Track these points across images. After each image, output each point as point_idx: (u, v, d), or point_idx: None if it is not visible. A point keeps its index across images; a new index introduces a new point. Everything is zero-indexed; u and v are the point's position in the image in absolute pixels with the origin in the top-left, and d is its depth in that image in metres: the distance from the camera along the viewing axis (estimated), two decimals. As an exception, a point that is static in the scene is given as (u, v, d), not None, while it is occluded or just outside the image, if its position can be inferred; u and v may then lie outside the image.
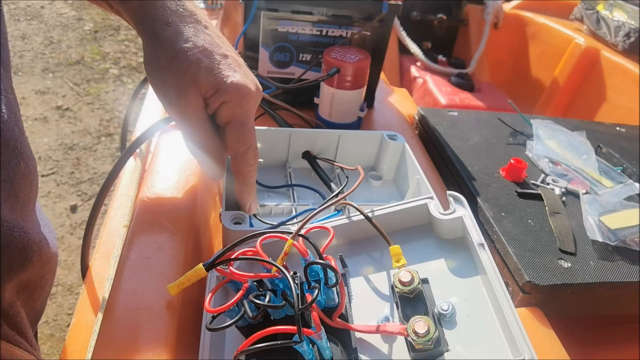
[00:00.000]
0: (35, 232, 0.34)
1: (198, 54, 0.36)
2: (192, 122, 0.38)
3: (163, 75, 0.36)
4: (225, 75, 0.37)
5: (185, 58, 0.36)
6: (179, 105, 0.37)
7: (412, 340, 0.31)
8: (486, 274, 0.35)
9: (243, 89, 0.37)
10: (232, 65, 0.38)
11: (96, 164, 1.81)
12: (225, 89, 0.36)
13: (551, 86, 1.23)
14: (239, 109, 0.38)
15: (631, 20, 1.08)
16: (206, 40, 0.37)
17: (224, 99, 0.37)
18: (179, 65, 0.36)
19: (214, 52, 0.37)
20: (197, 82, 0.36)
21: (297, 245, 0.32)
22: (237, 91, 0.37)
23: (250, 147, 0.40)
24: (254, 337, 0.27)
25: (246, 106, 0.38)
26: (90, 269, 0.45)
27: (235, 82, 0.37)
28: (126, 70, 2.44)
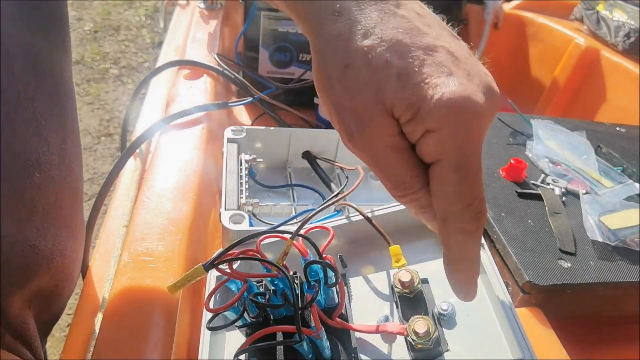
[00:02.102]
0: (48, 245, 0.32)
1: (386, 52, 0.23)
2: (385, 161, 0.25)
3: (335, 95, 0.25)
4: (431, 86, 0.23)
5: (365, 63, 0.24)
6: (362, 139, 0.25)
7: (412, 340, 0.31)
8: (486, 274, 0.35)
9: (463, 107, 0.23)
10: (445, 64, 0.24)
11: (96, 164, 1.81)
12: (430, 111, 0.23)
13: (551, 86, 1.23)
14: (453, 143, 0.23)
15: (631, 21, 1.08)
16: (399, 27, 0.24)
17: (428, 127, 0.23)
18: (356, 76, 0.24)
19: (413, 46, 0.23)
20: (385, 100, 0.23)
21: (296, 245, 0.32)
22: (452, 113, 0.23)
23: (472, 204, 0.24)
24: (254, 336, 0.27)
25: (468, 137, 0.23)
26: (90, 269, 0.45)
27: (446, 98, 0.22)
28: (126, 70, 2.44)
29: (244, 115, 0.69)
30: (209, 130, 0.57)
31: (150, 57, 2.54)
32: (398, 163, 0.25)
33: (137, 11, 2.97)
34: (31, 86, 0.30)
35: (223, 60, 0.67)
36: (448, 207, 0.24)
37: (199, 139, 0.55)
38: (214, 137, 0.58)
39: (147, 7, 3.01)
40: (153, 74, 0.69)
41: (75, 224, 0.37)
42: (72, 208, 0.35)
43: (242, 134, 0.52)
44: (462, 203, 0.24)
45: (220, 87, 0.71)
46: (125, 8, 2.99)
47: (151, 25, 2.84)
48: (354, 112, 0.24)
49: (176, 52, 0.80)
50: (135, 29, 2.81)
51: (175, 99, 0.62)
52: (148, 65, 2.49)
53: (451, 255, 0.27)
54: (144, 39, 2.73)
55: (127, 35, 2.74)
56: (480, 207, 0.24)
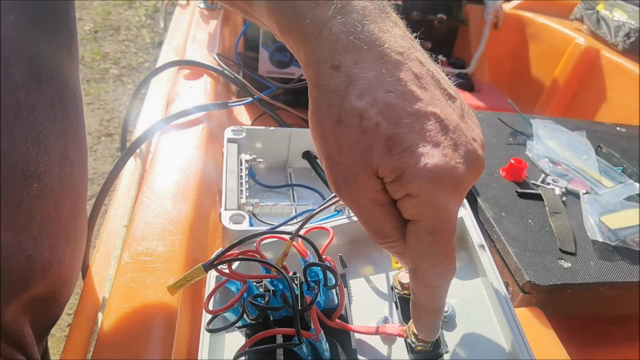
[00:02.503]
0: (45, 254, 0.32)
1: (377, 116, 0.24)
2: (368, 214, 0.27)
3: (327, 146, 0.26)
4: (416, 155, 0.24)
5: (356, 124, 0.24)
6: (347, 192, 0.26)
7: (412, 342, 0.31)
8: (486, 276, 0.35)
9: (441, 178, 0.24)
10: (432, 134, 0.24)
11: (96, 164, 1.81)
12: (412, 177, 0.24)
13: (551, 86, 1.23)
14: (429, 209, 0.25)
15: (631, 20, 1.08)
16: (394, 91, 0.24)
17: (408, 192, 0.24)
18: (346, 133, 0.25)
19: (404, 112, 0.24)
20: (371, 162, 0.25)
21: (296, 245, 0.32)
22: (432, 182, 0.24)
23: (441, 263, 0.26)
24: (254, 338, 0.27)
25: (444, 204, 0.25)
26: (90, 269, 0.45)
27: (428, 169, 0.24)
28: (126, 70, 2.44)
29: (244, 115, 0.69)
30: (209, 130, 0.57)
31: (150, 57, 2.54)
32: (380, 216, 0.26)
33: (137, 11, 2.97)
34: (32, 93, 0.29)
35: (223, 60, 0.67)
36: (418, 263, 0.26)
37: (199, 139, 0.55)
38: (214, 137, 0.58)
39: (147, 7, 3.01)
40: (153, 74, 0.69)
41: (75, 230, 0.36)
42: (72, 215, 0.35)
43: (242, 134, 0.52)
44: (431, 262, 0.26)
45: (220, 87, 0.70)
46: (125, 8, 2.99)
47: (151, 25, 2.84)
48: (342, 166, 0.26)
49: (176, 52, 0.80)
50: (135, 29, 2.81)
51: (175, 99, 0.62)
52: (148, 65, 2.49)
53: (417, 302, 0.28)
54: (144, 39, 2.73)
55: (127, 35, 2.74)
56: (449, 266, 0.26)
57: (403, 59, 0.25)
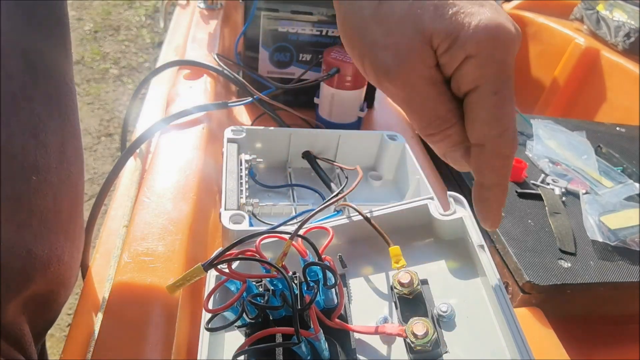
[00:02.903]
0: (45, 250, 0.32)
1: None
2: (422, 95, 0.25)
3: (369, 33, 0.25)
4: (467, 13, 0.24)
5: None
6: (400, 72, 0.25)
7: (411, 342, 0.31)
8: (486, 276, 0.35)
9: (499, 32, 0.24)
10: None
11: (96, 164, 1.81)
12: (469, 36, 0.23)
13: (551, 86, 1.23)
14: (492, 67, 0.24)
15: (631, 20, 1.08)
16: None
17: (468, 53, 0.24)
18: (392, 10, 0.24)
19: None
20: (424, 30, 0.24)
21: (296, 245, 0.32)
22: (490, 37, 0.24)
23: (509, 128, 0.25)
24: (253, 337, 0.27)
25: (505, 60, 0.24)
26: (90, 269, 0.45)
27: (484, 24, 0.23)
28: (126, 70, 2.44)
29: (244, 115, 0.69)
30: (209, 130, 0.57)
31: (150, 57, 2.54)
32: (435, 96, 0.25)
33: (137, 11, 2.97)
34: (28, 87, 0.29)
35: (223, 60, 0.67)
36: (487, 132, 0.25)
37: (199, 139, 0.55)
38: (214, 137, 0.58)
39: (147, 7, 3.01)
40: (153, 74, 0.69)
41: (73, 229, 0.36)
42: (71, 213, 0.35)
43: (242, 134, 0.52)
44: (500, 127, 0.25)
45: (220, 87, 0.71)
46: (125, 8, 2.99)
47: (151, 25, 2.84)
48: (392, 47, 0.25)
49: (176, 52, 0.80)
50: (135, 29, 2.81)
51: (175, 99, 0.62)
52: (148, 65, 2.49)
53: (487, 182, 0.27)
54: (144, 39, 2.73)
55: (127, 35, 2.74)
56: (515, 132, 0.25)
57: None
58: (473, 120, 0.26)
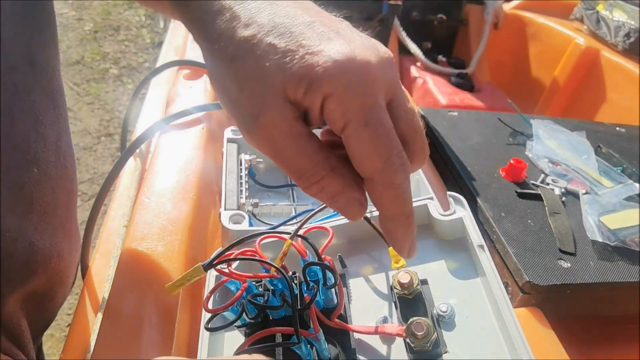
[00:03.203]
0: (46, 244, 0.32)
1: (267, 37, 0.23)
2: (284, 150, 0.24)
3: (227, 92, 0.25)
4: (315, 52, 0.23)
5: (249, 52, 0.23)
6: (258, 128, 0.24)
7: (411, 342, 0.31)
8: (485, 276, 0.35)
9: (350, 63, 0.23)
10: (324, 33, 0.24)
11: (96, 164, 1.81)
12: (321, 76, 0.23)
13: (551, 86, 1.23)
14: (353, 100, 0.23)
15: (631, 20, 1.08)
16: (279, 13, 0.24)
17: (325, 92, 0.23)
18: (243, 66, 0.24)
19: (292, 25, 0.24)
20: (275, 83, 0.23)
21: (295, 245, 0.32)
22: (342, 71, 0.23)
23: (391, 155, 0.24)
24: (253, 337, 0.27)
25: (364, 90, 0.23)
26: (90, 269, 0.45)
27: (333, 59, 0.23)
28: (126, 70, 2.44)
29: (244, 116, 0.69)
30: (209, 130, 0.57)
31: (150, 57, 2.54)
32: (297, 150, 0.24)
33: (137, 11, 2.97)
34: (28, 79, 0.30)
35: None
36: (370, 165, 0.24)
37: (199, 139, 0.55)
38: (214, 137, 0.58)
39: (147, 7, 3.00)
40: (153, 74, 0.69)
41: (69, 226, 0.36)
42: (67, 209, 0.35)
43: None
44: (381, 157, 0.24)
45: (220, 87, 0.70)
46: (125, 8, 2.98)
47: (151, 25, 2.84)
48: (246, 104, 0.24)
49: (176, 52, 0.80)
50: (135, 29, 2.81)
51: (175, 99, 0.62)
52: (148, 65, 2.49)
53: (386, 214, 0.26)
54: (144, 39, 2.73)
55: (127, 35, 2.74)
56: (401, 158, 0.24)
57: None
58: (353, 157, 0.25)
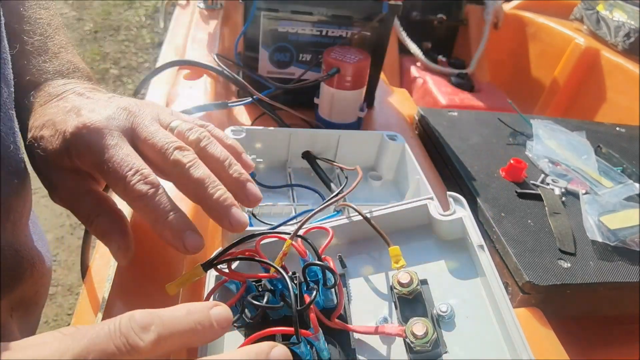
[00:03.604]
0: (28, 249, 0.33)
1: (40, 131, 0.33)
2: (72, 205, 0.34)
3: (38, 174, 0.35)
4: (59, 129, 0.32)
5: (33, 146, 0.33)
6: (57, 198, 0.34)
7: (411, 342, 0.31)
8: (485, 276, 0.35)
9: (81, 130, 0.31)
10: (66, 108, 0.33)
11: (96, 164, 1.81)
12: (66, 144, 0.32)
13: (551, 86, 1.23)
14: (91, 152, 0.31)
15: (631, 21, 1.08)
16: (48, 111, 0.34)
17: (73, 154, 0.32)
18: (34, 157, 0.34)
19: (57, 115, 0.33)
20: (49, 162, 0.33)
21: (295, 245, 0.32)
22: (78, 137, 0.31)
23: (126, 175, 0.31)
24: (252, 337, 0.27)
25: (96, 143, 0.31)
26: (90, 269, 0.45)
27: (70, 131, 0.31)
28: (126, 71, 2.44)
29: (244, 115, 0.69)
30: (208, 130, 0.57)
31: (150, 57, 2.54)
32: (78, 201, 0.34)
33: (137, 11, 2.97)
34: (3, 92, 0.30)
35: (223, 60, 0.67)
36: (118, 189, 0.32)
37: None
38: (213, 137, 0.58)
39: (147, 7, 3.01)
40: (153, 74, 0.69)
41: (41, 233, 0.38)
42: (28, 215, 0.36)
43: (242, 134, 0.52)
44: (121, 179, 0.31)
45: (220, 87, 0.71)
46: (125, 8, 2.99)
47: (151, 25, 2.84)
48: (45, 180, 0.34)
49: (176, 52, 0.80)
50: (135, 29, 2.82)
51: (175, 99, 0.62)
52: (148, 65, 2.49)
53: (149, 220, 0.32)
54: (144, 39, 2.73)
55: (127, 35, 2.74)
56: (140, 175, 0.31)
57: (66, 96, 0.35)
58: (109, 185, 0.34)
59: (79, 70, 0.39)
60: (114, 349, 0.20)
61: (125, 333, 0.20)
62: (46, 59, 0.37)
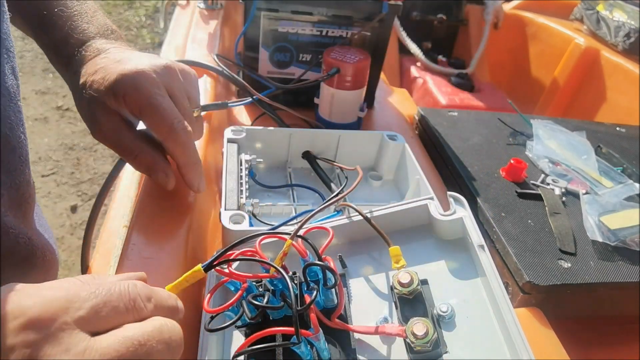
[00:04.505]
0: (38, 238, 0.34)
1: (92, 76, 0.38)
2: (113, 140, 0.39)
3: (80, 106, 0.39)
4: (113, 73, 0.37)
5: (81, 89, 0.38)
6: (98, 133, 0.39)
7: (411, 342, 0.31)
8: (486, 276, 0.35)
9: (131, 73, 0.37)
10: (116, 58, 0.39)
11: (96, 164, 1.81)
12: (116, 86, 0.37)
13: (551, 86, 1.23)
14: (137, 94, 0.37)
15: (631, 21, 1.08)
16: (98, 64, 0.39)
17: (121, 94, 0.37)
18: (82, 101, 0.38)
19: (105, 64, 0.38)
20: (97, 100, 0.37)
21: (296, 245, 0.32)
22: (125, 79, 0.37)
23: (173, 122, 0.38)
24: (253, 337, 0.27)
25: (143, 87, 0.37)
26: (90, 269, 0.45)
27: (121, 73, 0.37)
28: (126, 70, 2.44)
29: (244, 115, 0.69)
30: (209, 130, 0.57)
31: (151, 57, 2.54)
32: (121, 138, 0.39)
33: (137, 11, 2.97)
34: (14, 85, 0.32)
35: (223, 60, 0.67)
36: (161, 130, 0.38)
37: (199, 139, 0.55)
38: (214, 137, 0.58)
39: (147, 7, 3.01)
40: (153, 74, 0.69)
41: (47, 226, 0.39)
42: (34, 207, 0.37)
43: (242, 134, 0.52)
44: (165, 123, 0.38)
45: (220, 87, 0.71)
46: (125, 8, 2.99)
47: (151, 25, 2.84)
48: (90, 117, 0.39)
49: (176, 52, 0.80)
50: (135, 29, 2.81)
51: (175, 99, 0.62)
52: (148, 65, 2.48)
53: (180, 162, 0.40)
54: (144, 39, 2.73)
55: (127, 35, 2.74)
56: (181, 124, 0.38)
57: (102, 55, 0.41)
58: (150, 128, 0.39)
59: (115, 31, 0.46)
60: (123, 308, 0.23)
61: (133, 298, 0.24)
62: (86, 21, 0.43)
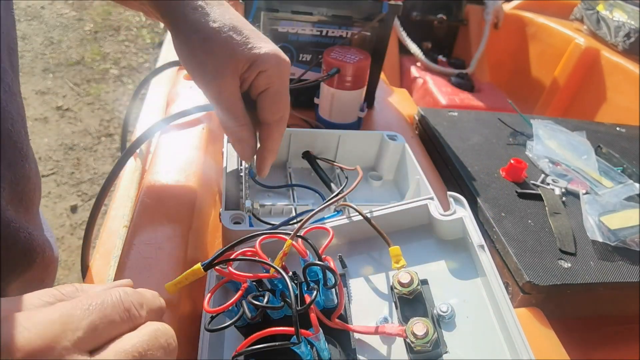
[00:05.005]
0: (39, 234, 0.34)
1: (229, 31, 0.38)
2: (228, 101, 0.39)
3: (197, 57, 0.38)
4: (259, 47, 0.39)
5: (218, 37, 0.38)
6: (216, 86, 0.39)
7: (411, 342, 0.31)
8: (486, 276, 0.35)
9: (279, 56, 0.39)
10: (262, 37, 0.40)
11: (96, 164, 1.81)
12: (262, 59, 0.38)
13: (551, 86, 1.23)
14: (276, 77, 0.39)
15: (631, 21, 1.08)
16: (233, 19, 0.39)
17: (261, 69, 0.38)
18: (213, 45, 0.37)
19: (244, 28, 0.39)
20: (233, 59, 0.38)
21: (296, 245, 0.32)
22: (274, 59, 0.39)
23: (284, 115, 0.42)
24: (253, 337, 0.27)
25: (283, 73, 0.40)
26: (90, 269, 0.45)
27: (270, 51, 0.39)
28: (126, 71, 2.44)
29: (244, 116, 0.69)
30: (209, 130, 0.57)
31: (151, 57, 2.54)
32: (234, 101, 0.40)
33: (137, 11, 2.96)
34: (14, 82, 0.32)
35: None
36: (272, 117, 0.41)
37: (199, 139, 0.55)
38: (214, 137, 0.58)
39: (148, 7, 3.00)
40: (153, 74, 0.69)
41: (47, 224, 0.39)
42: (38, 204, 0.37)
43: (242, 134, 0.52)
44: (279, 113, 0.42)
45: (220, 87, 0.70)
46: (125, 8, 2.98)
47: (151, 25, 2.84)
48: (213, 68, 0.38)
49: (176, 52, 0.80)
50: (135, 29, 2.81)
51: (175, 99, 0.62)
52: (148, 65, 2.49)
53: (267, 148, 0.43)
54: (144, 39, 2.73)
55: (128, 35, 2.74)
56: (287, 118, 0.42)
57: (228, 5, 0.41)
58: (263, 108, 0.41)
59: None
60: (119, 319, 0.23)
61: (127, 307, 0.24)
62: None
